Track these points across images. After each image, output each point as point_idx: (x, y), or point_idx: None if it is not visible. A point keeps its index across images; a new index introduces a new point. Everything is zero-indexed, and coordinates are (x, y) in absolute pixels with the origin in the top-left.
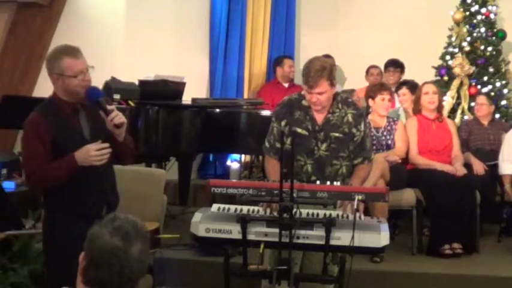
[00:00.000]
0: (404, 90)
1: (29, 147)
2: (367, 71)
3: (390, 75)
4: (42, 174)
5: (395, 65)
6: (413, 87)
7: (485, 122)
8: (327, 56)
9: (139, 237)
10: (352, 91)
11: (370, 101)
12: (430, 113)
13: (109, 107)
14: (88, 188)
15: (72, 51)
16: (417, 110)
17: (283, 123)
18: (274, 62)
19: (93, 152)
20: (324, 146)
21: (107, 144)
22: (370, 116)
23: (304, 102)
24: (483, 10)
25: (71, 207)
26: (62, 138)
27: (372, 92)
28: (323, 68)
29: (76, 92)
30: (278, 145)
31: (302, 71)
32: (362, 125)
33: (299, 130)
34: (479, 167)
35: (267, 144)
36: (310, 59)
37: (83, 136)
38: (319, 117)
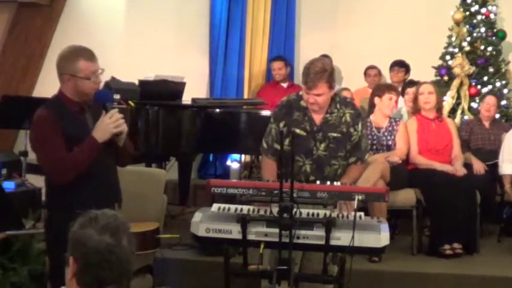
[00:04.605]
0: (413, 89)
1: (48, 140)
2: (365, 72)
3: (394, 75)
4: (70, 161)
5: (400, 64)
6: None
7: (486, 123)
8: (325, 56)
9: (124, 229)
10: (341, 90)
11: (377, 99)
12: (428, 112)
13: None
14: (97, 182)
15: (88, 54)
16: (416, 109)
17: (281, 124)
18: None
19: (108, 120)
20: (322, 146)
21: (116, 110)
22: (372, 116)
23: (302, 103)
24: (483, 10)
25: (83, 202)
26: (72, 132)
27: (380, 90)
28: (323, 70)
29: (86, 94)
30: (276, 146)
31: (302, 70)
32: (359, 125)
33: (297, 131)
34: (479, 167)
35: (264, 144)
36: (312, 59)
37: (90, 132)
38: (318, 118)
